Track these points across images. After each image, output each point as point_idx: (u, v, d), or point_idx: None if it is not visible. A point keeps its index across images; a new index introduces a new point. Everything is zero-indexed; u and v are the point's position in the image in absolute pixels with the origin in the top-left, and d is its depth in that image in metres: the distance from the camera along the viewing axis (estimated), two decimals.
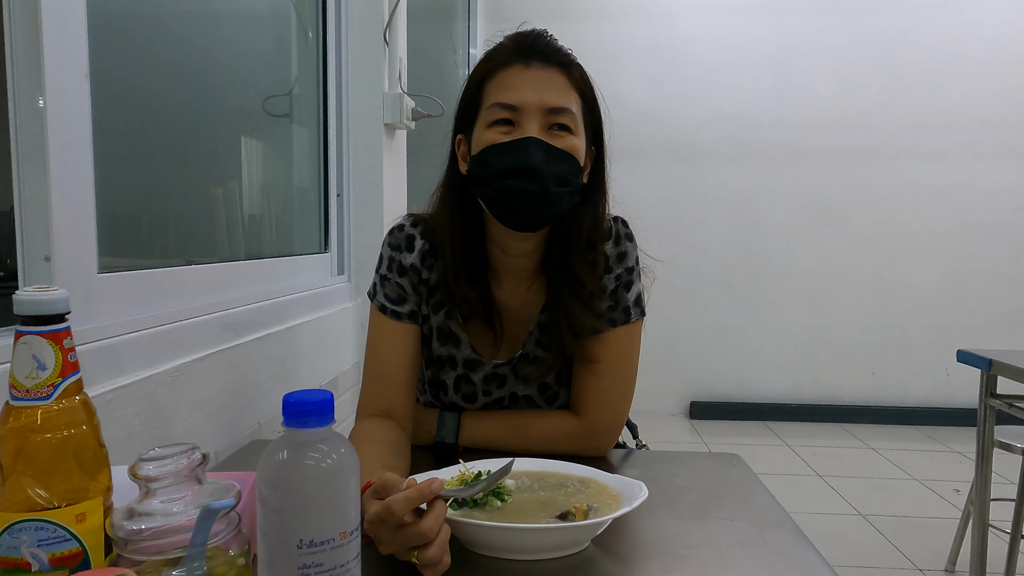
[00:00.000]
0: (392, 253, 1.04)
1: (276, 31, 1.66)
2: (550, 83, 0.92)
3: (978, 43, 3.96)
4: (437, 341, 1.06)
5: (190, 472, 0.52)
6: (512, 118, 0.92)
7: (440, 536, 0.65)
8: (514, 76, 0.93)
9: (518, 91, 0.92)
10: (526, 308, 1.05)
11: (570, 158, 0.92)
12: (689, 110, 4.11)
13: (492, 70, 0.95)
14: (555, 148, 0.91)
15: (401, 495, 0.64)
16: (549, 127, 0.92)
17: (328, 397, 0.52)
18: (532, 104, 0.91)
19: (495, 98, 0.93)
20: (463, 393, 1.07)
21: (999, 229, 4.04)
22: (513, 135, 0.92)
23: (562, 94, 0.93)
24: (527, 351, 1.05)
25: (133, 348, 0.90)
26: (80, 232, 0.84)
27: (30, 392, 0.51)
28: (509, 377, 1.06)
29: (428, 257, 1.04)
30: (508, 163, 0.91)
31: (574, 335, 0.99)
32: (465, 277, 0.99)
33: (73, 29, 0.82)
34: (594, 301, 1.00)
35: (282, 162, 1.71)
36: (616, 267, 1.03)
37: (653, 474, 0.95)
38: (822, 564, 0.70)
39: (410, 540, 0.64)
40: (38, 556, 0.50)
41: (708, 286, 4.19)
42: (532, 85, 0.91)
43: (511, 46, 0.95)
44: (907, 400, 4.13)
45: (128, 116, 1.06)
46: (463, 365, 1.06)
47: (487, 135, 0.93)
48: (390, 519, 0.63)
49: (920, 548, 2.51)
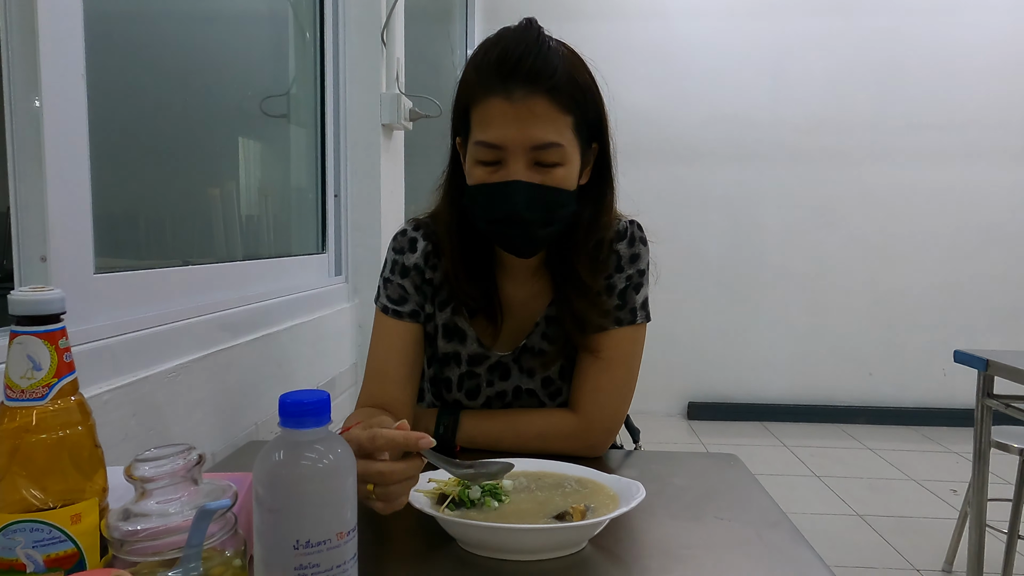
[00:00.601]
0: (395, 256, 1.07)
1: (273, 31, 1.66)
2: (533, 117, 0.88)
3: (975, 44, 3.97)
4: (443, 338, 1.07)
5: (186, 473, 0.52)
6: (497, 157, 0.90)
7: (404, 483, 0.69)
8: (496, 110, 0.88)
9: (501, 129, 0.88)
10: (535, 300, 1.06)
11: (558, 192, 0.91)
12: (686, 111, 4.12)
13: (476, 97, 0.91)
14: (540, 188, 0.90)
15: (389, 432, 0.68)
16: (535, 162, 0.90)
17: (324, 397, 0.52)
18: (516, 143, 0.88)
19: (479, 135, 0.90)
20: (467, 388, 1.08)
21: (996, 230, 4.05)
22: (499, 174, 0.90)
23: (548, 126, 0.88)
24: (532, 343, 1.06)
25: (129, 349, 0.90)
26: (76, 232, 0.84)
27: (25, 392, 0.51)
28: (513, 369, 1.07)
29: (431, 257, 1.06)
30: (493, 210, 0.92)
31: (580, 330, 1.00)
32: (467, 273, 1.01)
33: (70, 29, 0.81)
34: (600, 298, 1.01)
35: (279, 163, 1.71)
36: (628, 268, 1.04)
37: (650, 474, 0.95)
38: (819, 564, 0.70)
39: (368, 473, 0.67)
40: (33, 557, 0.49)
41: (705, 287, 4.19)
42: (515, 121, 0.87)
43: (494, 63, 0.89)
44: (904, 400, 4.14)
45: (125, 117, 1.06)
46: (468, 361, 1.07)
47: (475, 172, 0.93)
48: (367, 446, 0.67)
49: (917, 548, 2.51)
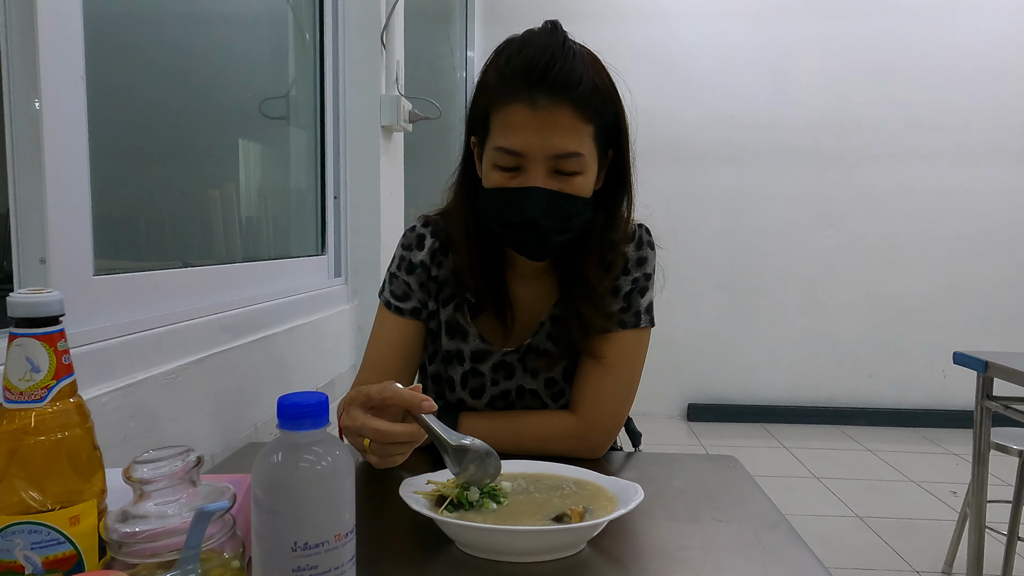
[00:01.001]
0: (403, 252, 1.08)
1: (273, 33, 1.66)
2: (557, 125, 0.87)
3: (974, 46, 3.98)
4: (446, 335, 1.07)
5: (184, 474, 0.52)
6: (517, 164, 0.90)
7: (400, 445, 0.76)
8: (519, 117, 0.88)
9: (523, 137, 0.88)
10: (541, 299, 1.07)
11: (575, 199, 0.92)
12: (686, 113, 4.12)
13: (498, 101, 0.90)
14: (558, 194, 0.90)
15: (398, 387, 0.75)
16: (555, 170, 0.90)
17: (323, 399, 0.52)
18: (537, 151, 0.88)
19: (500, 140, 0.90)
20: (471, 388, 1.08)
21: (996, 231, 4.05)
22: (518, 180, 0.90)
23: (570, 136, 0.88)
24: (537, 343, 1.06)
25: (129, 351, 0.90)
26: (76, 234, 0.84)
27: (24, 394, 0.51)
28: (517, 368, 1.07)
29: (438, 254, 1.07)
30: (510, 214, 0.92)
31: (583, 332, 1.00)
32: (480, 272, 1.02)
33: (69, 31, 0.82)
34: (605, 301, 1.01)
35: (279, 164, 1.71)
36: (634, 271, 1.04)
37: (649, 476, 0.95)
38: (818, 566, 0.70)
39: (366, 428, 0.74)
40: (31, 559, 0.49)
41: (705, 288, 4.19)
42: (539, 129, 0.87)
43: (520, 70, 0.87)
44: (904, 402, 4.14)
45: (125, 119, 1.06)
46: (471, 359, 1.07)
47: (493, 176, 0.93)
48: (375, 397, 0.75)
49: (917, 550, 2.51)
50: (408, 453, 0.78)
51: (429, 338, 1.10)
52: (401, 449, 0.77)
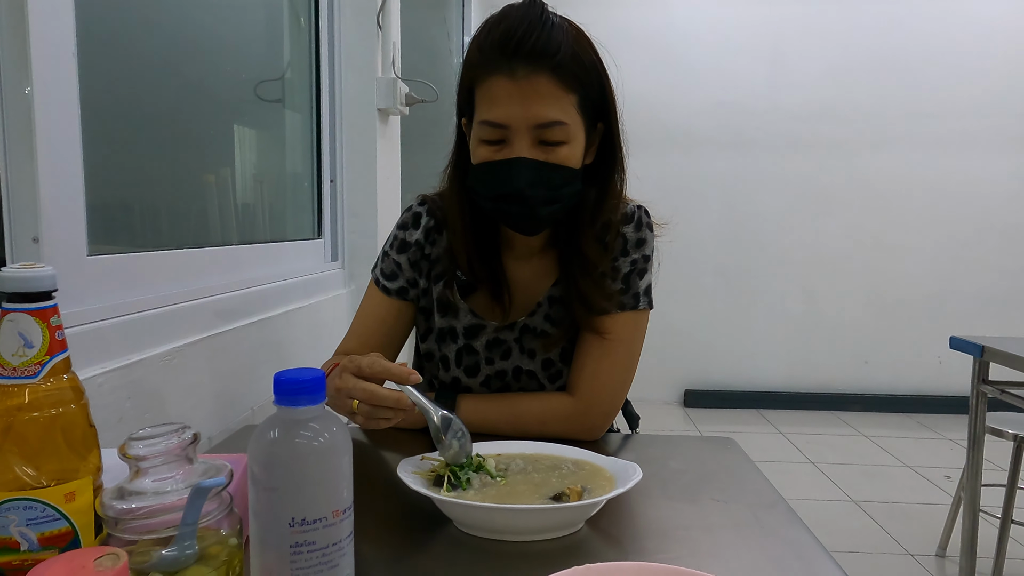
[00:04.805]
0: (397, 231, 1.10)
1: (268, 15, 1.64)
2: (537, 94, 0.87)
3: (973, 32, 3.96)
4: (438, 313, 1.08)
5: (181, 451, 0.51)
6: (501, 136, 0.90)
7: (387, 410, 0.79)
8: (500, 89, 0.88)
9: (504, 108, 0.88)
10: (538, 279, 1.07)
11: (561, 169, 0.92)
12: (684, 99, 4.10)
13: (479, 76, 0.91)
14: (544, 164, 0.90)
15: (386, 363, 0.80)
16: (539, 141, 0.90)
17: (320, 375, 0.52)
18: (519, 121, 0.88)
19: (483, 114, 0.91)
20: (465, 366, 1.08)
21: (992, 217, 4.06)
22: (503, 152, 0.91)
23: (551, 104, 0.88)
24: (534, 323, 1.06)
25: (123, 331, 0.89)
26: (69, 213, 0.83)
27: (17, 370, 0.50)
28: (514, 348, 1.07)
29: (432, 233, 1.08)
30: (497, 187, 0.92)
31: (587, 310, 1.00)
32: (476, 253, 1.02)
33: (60, 6, 0.80)
34: (605, 281, 1.01)
35: (275, 148, 1.70)
36: (633, 252, 1.04)
37: (647, 457, 0.95)
38: (815, 543, 0.70)
39: (356, 389, 0.79)
40: (27, 535, 0.49)
41: (702, 274, 4.19)
42: (519, 99, 0.87)
43: (498, 42, 0.88)
44: (900, 388, 4.16)
45: (118, 102, 1.05)
46: (464, 335, 1.07)
47: (479, 151, 0.93)
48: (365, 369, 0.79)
49: (911, 533, 2.53)
50: (393, 421, 0.81)
51: (422, 316, 1.10)
52: (386, 414, 0.80)
